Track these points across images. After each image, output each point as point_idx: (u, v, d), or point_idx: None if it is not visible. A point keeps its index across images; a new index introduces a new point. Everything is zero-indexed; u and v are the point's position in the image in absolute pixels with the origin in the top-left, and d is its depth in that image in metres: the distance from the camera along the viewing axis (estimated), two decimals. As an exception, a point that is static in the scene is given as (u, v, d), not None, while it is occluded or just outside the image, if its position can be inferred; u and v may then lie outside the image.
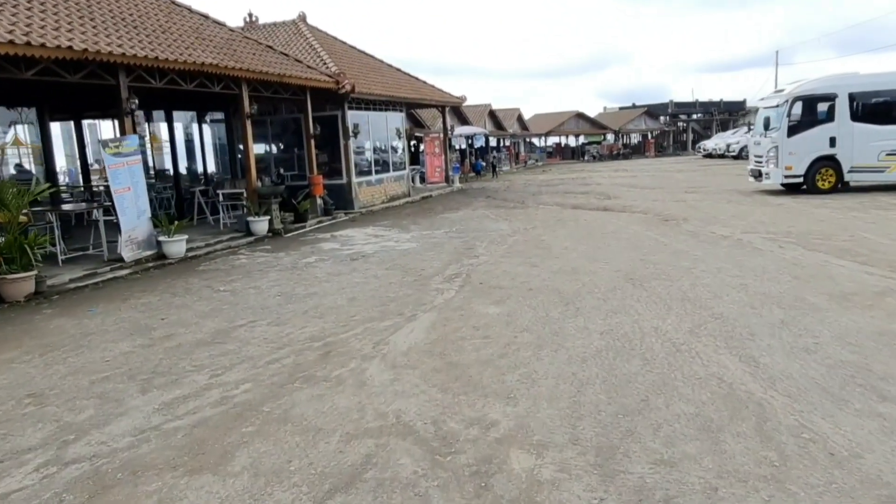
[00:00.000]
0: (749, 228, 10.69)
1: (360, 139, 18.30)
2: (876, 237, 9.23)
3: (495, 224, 13.16)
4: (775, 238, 9.64)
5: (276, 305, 7.19)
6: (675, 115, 56.77)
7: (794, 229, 10.30)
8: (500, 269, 8.40)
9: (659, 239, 10.14)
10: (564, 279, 7.58)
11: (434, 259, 9.47)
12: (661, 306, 6.18)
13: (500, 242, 10.66)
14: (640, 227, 11.63)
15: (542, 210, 15.41)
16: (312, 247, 11.43)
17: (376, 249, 10.67)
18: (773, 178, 15.22)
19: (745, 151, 32.75)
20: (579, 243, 10.15)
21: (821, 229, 10.16)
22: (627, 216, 13.31)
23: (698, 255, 8.66)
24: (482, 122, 41.00)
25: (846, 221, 10.81)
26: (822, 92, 14.67)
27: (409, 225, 13.81)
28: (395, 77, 21.63)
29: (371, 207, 17.62)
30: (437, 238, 11.61)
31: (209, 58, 11.89)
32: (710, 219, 12.11)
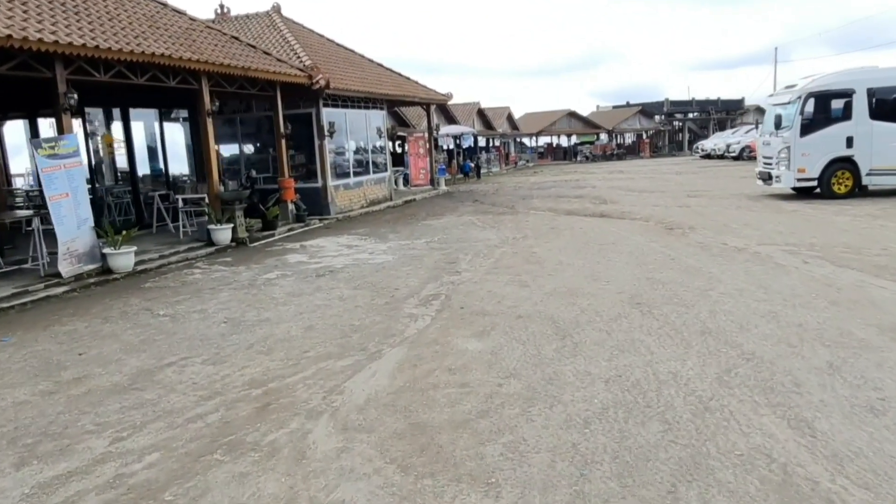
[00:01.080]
0: (765, 239, 9.77)
1: (338, 139, 17.29)
2: (911, 250, 8.34)
3: (482, 233, 12.18)
4: (797, 251, 8.73)
5: (219, 336, 6.16)
6: (670, 114, 56.07)
7: (816, 241, 9.40)
8: (485, 289, 7.42)
9: (665, 252, 9.20)
10: (559, 303, 6.61)
11: (411, 275, 8.48)
12: (677, 342, 5.21)
13: (486, 255, 9.69)
14: (642, 237, 10.70)
15: (534, 216, 14.46)
16: (277, 259, 10.40)
17: (347, 263, 9.66)
18: (785, 181, 14.35)
19: (746, 152, 32.04)
20: (575, 256, 9.19)
21: (847, 241, 9.26)
22: (627, 224, 12.38)
23: (713, 272, 7.72)
24: (471, 122, 40.10)
25: (874, 232, 9.92)
26: (838, 87, 13.82)
27: (387, 233, 12.81)
28: (376, 73, 20.64)
29: (349, 213, 16.61)
30: (416, 249, 10.61)
31: (162, 48, 10.84)
32: (719, 227, 11.19)
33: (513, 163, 45.56)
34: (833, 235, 9.77)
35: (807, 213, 12.43)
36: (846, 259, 8.04)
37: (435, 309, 6.71)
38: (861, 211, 12.14)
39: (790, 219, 11.77)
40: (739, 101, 56.30)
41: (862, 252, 8.42)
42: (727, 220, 11.97)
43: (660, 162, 41.08)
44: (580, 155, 51.14)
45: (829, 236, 9.72)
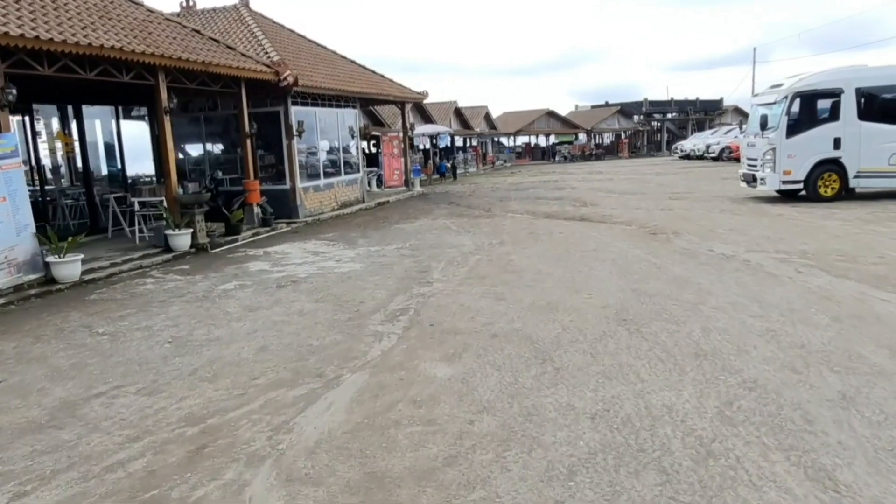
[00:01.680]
0: (754, 246, 9.37)
1: (308, 139, 16.63)
2: (908, 258, 7.98)
3: (457, 238, 11.64)
4: (789, 259, 8.33)
5: (161, 359, 5.53)
6: (649, 114, 56.14)
7: (808, 247, 9.02)
8: (458, 303, 6.88)
9: (650, 259, 8.75)
10: (538, 319, 6.08)
11: (378, 286, 7.90)
12: (669, 366, 4.72)
13: (460, 263, 9.15)
14: (625, 242, 10.24)
15: (511, 220, 13.96)
16: (238, 267, 9.74)
17: (312, 272, 9.05)
18: (770, 183, 14.04)
19: (726, 153, 31.97)
20: (555, 265, 8.69)
21: (840, 248, 8.89)
22: (609, 228, 11.94)
23: (702, 283, 7.26)
24: (447, 121, 39.59)
25: (867, 238, 9.58)
26: (825, 87, 13.53)
27: (357, 238, 12.20)
28: (348, 70, 20.00)
29: (318, 216, 15.96)
30: (386, 256, 10.03)
31: (112, 41, 10.12)
32: (704, 232, 10.79)
33: (490, 163, 45.15)
34: (825, 242, 9.41)
35: (794, 216, 12.09)
36: (842, 268, 7.64)
37: (402, 326, 6.15)
38: (850, 215, 11.84)
39: (777, 223, 11.42)
40: (718, 102, 56.59)
41: (858, 260, 8.04)
42: (712, 225, 11.58)
43: (639, 162, 40.95)
44: (559, 155, 50.91)
45: (821, 243, 9.35)
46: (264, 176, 15.79)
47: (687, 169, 29.01)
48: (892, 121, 13.27)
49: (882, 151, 13.29)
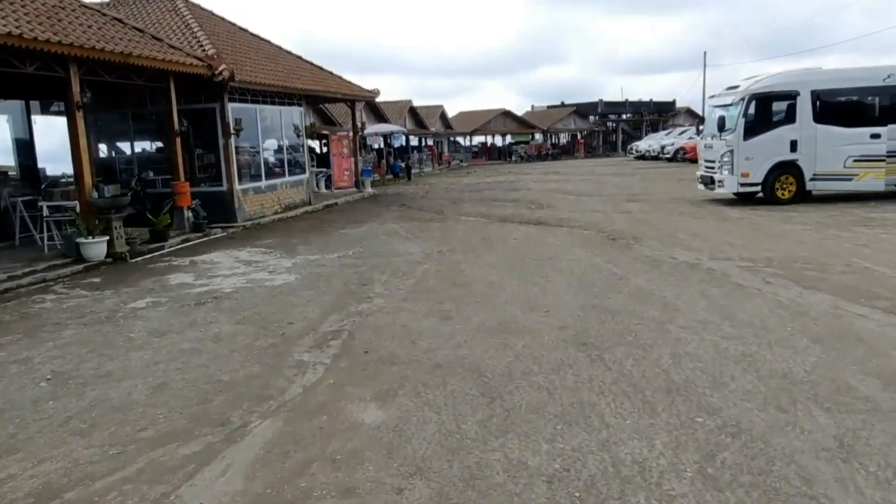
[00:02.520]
0: (717, 253, 8.88)
1: (249, 137, 15.59)
2: (881, 267, 7.56)
3: (405, 244, 10.86)
4: (755, 268, 7.83)
5: (31, 403, 4.58)
6: (604, 114, 56.42)
7: (772, 255, 8.56)
8: (399, 323, 6.10)
9: (611, 269, 8.14)
10: (488, 344, 5.36)
11: (312, 302, 7.06)
12: (638, 405, 4.04)
13: (406, 274, 8.37)
14: (583, 249, 9.64)
15: (464, 224, 13.26)
16: (157, 280, 8.73)
17: (239, 285, 8.13)
18: (728, 186, 13.70)
19: (680, 154, 32.06)
20: (509, 276, 8.00)
21: (805, 255, 8.45)
22: (566, 233, 11.34)
23: (667, 296, 6.66)
24: (402, 120, 38.77)
25: (829, 244, 9.19)
26: (781, 89, 13.26)
27: (297, 245, 11.29)
28: (293, 66, 18.98)
29: (259, 220, 14.94)
30: (326, 266, 9.18)
31: (10, 27, 8.98)
32: (665, 238, 10.28)
33: (446, 163, 44.50)
34: (788, 248, 8.98)
35: (754, 220, 11.73)
36: (810, 278, 7.16)
37: (332, 353, 5.33)
38: (809, 219, 11.53)
39: (738, 228, 11.01)
40: (671, 104, 57.31)
41: (825, 269, 7.59)
42: (672, 230, 11.10)
43: (595, 162, 40.89)
44: (515, 155, 50.64)
45: (785, 249, 8.91)
46: (204, 176, 14.72)
47: (643, 170, 28.89)
48: (846, 123, 13.10)
49: (837, 154, 13.09)
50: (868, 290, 6.58)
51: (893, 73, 13.03)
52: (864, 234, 9.72)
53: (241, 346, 5.61)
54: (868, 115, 13.24)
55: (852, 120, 13.14)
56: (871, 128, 12.88)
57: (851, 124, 13.05)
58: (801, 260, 8.14)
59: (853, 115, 13.24)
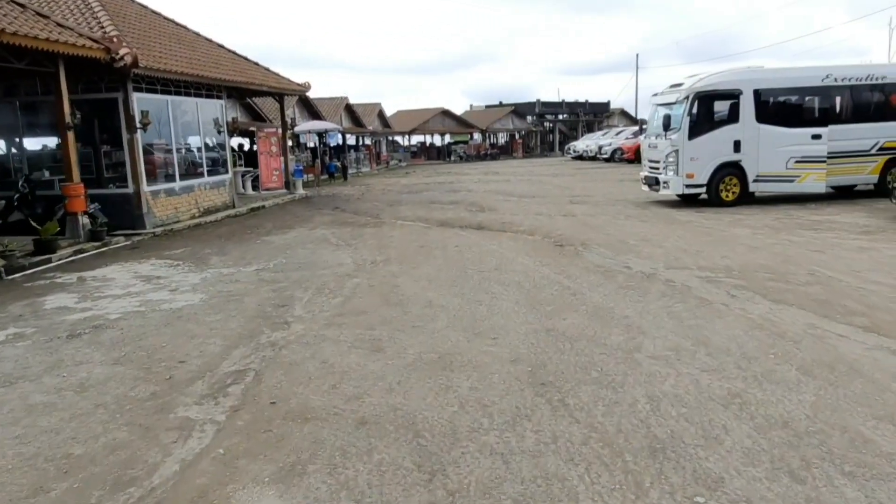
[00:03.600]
0: (673, 261, 8.17)
1: (160, 132, 14.06)
2: (843, 276, 6.98)
3: (335, 254, 9.72)
4: (715, 278, 7.14)
5: None
6: (542, 114, 56.39)
7: (730, 262, 7.91)
8: (320, 358, 5.02)
9: (562, 281, 7.29)
10: (427, 387, 4.35)
11: (216, 332, 5.88)
12: (619, 478, 3.12)
13: (333, 291, 7.27)
14: (530, 258, 8.78)
15: (401, 229, 12.22)
16: (30, 304, 7.29)
17: (131, 309, 6.83)
18: (673, 187, 13.18)
19: (618, 154, 31.98)
20: (450, 292, 7.02)
21: (764, 262, 7.84)
22: (510, 239, 10.47)
23: (629, 315, 5.84)
24: (338, 118, 37.30)
25: (785, 249, 8.64)
26: (725, 88, 12.82)
27: (210, 256, 9.97)
28: (213, 55, 17.42)
29: (173, 225, 13.44)
30: (240, 282, 7.96)
31: None
32: (615, 244, 9.55)
33: (384, 162, 43.27)
34: (744, 255, 8.37)
35: (702, 224, 11.18)
36: (776, 290, 6.50)
37: (229, 405, 4.21)
38: (758, 222, 11.06)
39: (688, 232, 10.40)
40: (606, 105, 57.90)
41: (788, 279, 6.96)
42: (622, 234, 10.40)
43: (533, 162, 40.57)
44: (454, 154, 49.90)
45: (741, 256, 8.29)
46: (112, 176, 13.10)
47: (582, 170, 28.56)
48: (788, 124, 12.80)
49: (780, 155, 12.77)
50: (840, 303, 5.95)
51: (832, 73, 12.81)
52: (816, 239, 9.26)
53: (111, 399, 4.40)
54: (809, 115, 13.00)
55: (794, 120, 12.85)
56: (812, 128, 12.61)
57: (793, 125, 12.76)
58: (761, 268, 7.51)
59: (795, 116, 12.97)
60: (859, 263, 7.55)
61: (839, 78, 12.70)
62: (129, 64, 11.85)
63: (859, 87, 12.85)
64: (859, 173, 13.04)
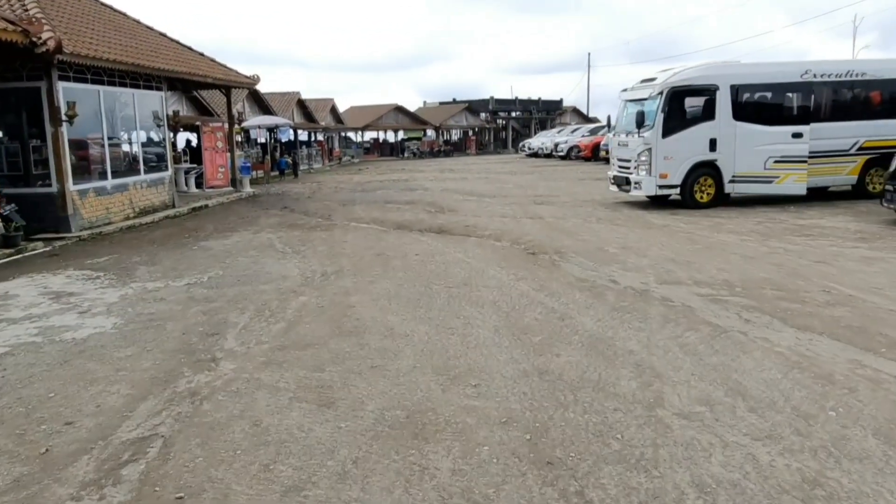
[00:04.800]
0: (664, 274, 7.15)
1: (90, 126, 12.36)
2: (865, 295, 6.08)
3: (280, 263, 8.38)
4: (718, 296, 6.14)
5: None
6: (495, 111, 55.44)
7: (728, 276, 6.94)
8: (250, 419, 3.75)
9: (544, 300, 6.17)
10: (394, 471, 3.14)
11: (123, 374, 4.52)
12: None
13: (275, 313, 5.96)
14: (502, 269, 7.64)
15: (355, 233, 10.91)
16: None
17: (24, 340, 5.37)
18: (646, 188, 12.26)
19: (574, 152, 31.26)
20: (414, 314, 5.81)
21: (766, 276, 6.90)
22: (476, 246, 9.32)
23: (634, 349, 4.75)
24: (290, 113, 35.47)
25: (784, 260, 7.74)
26: (700, 83, 11.95)
27: (138, 266, 8.48)
28: (153, 43, 15.65)
29: (103, 228, 11.79)
30: (166, 301, 6.55)
31: None
32: (593, 252, 8.51)
33: (337, 158, 41.58)
34: (741, 266, 7.42)
35: (682, 229, 10.26)
36: (794, 312, 5.53)
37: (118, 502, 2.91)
38: (740, 227, 10.21)
39: (670, 238, 9.45)
40: (558, 102, 57.46)
41: (803, 298, 6.01)
42: (597, 241, 9.37)
43: (488, 159, 39.59)
44: (408, 151, 48.55)
45: (738, 268, 7.35)
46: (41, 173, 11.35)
47: (539, 168, 27.65)
48: (767, 121, 12.03)
49: (757, 154, 11.99)
50: (878, 332, 5.00)
51: (811, 69, 12.09)
52: (813, 248, 8.39)
53: (-54, 495, 3.03)
54: (788, 113, 12.24)
55: (773, 118, 12.08)
56: (792, 126, 11.86)
57: (772, 122, 11.99)
58: (766, 284, 6.56)
59: (773, 113, 12.20)
60: (875, 278, 6.66)
61: (818, 74, 11.98)
62: (52, 49, 10.16)
63: (839, 83, 12.17)
64: (838, 174, 12.37)
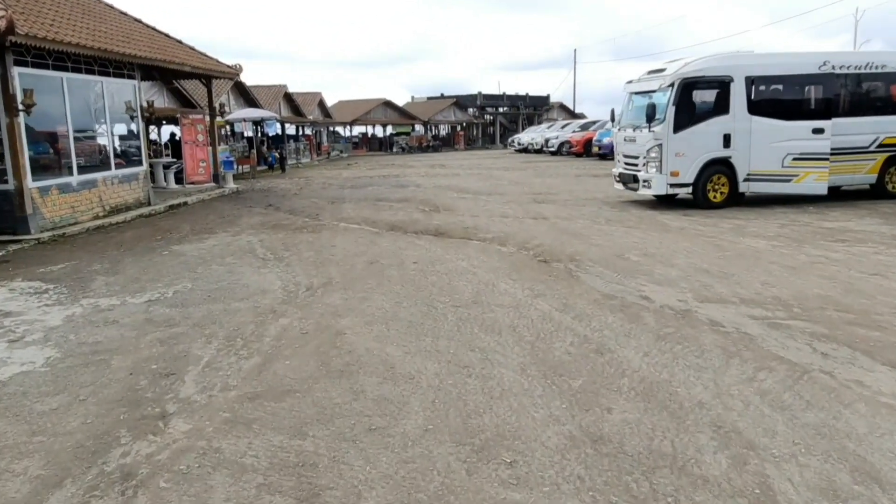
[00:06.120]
0: (701, 289, 6.05)
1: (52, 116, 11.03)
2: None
3: (259, 273, 7.17)
4: (775, 320, 5.05)
5: None
6: (483, 107, 54.27)
7: (777, 291, 5.86)
8: (202, 526, 2.58)
9: (572, 325, 5.04)
10: None
11: (38, 441, 3.32)
12: None
13: (248, 343, 4.78)
14: (513, 282, 6.51)
15: (345, 235, 9.72)
16: None
17: (-77, 385, 4.14)
18: (656, 186, 11.16)
19: (565, 147, 30.19)
20: (420, 346, 4.66)
21: (821, 292, 5.82)
22: (480, 251, 8.17)
23: (704, 398, 3.63)
24: (276, 106, 33.98)
25: (832, 271, 6.66)
26: (714, 74, 10.84)
27: (96, 275, 7.23)
28: (125, 28, 14.26)
29: (68, 228, 10.48)
30: (119, 324, 5.34)
31: None
32: (612, 260, 7.39)
33: (325, 153, 40.15)
34: (787, 279, 6.34)
35: (702, 232, 9.19)
36: (876, 343, 4.47)
37: None
38: (764, 230, 9.16)
39: (692, 243, 8.36)
40: (546, 98, 56.40)
41: (877, 322, 4.94)
42: (613, 246, 8.27)
43: (477, 155, 38.42)
44: (396, 146, 47.25)
45: (784, 281, 6.27)
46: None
47: (532, 164, 26.52)
48: (785, 116, 10.97)
49: (775, 151, 10.94)
50: None
51: (829, 60, 11.05)
52: (856, 256, 7.33)
53: None
54: (807, 106, 11.19)
55: (789, 112, 11.02)
56: (812, 121, 10.81)
57: (790, 117, 10.93)
58: (825, 303, 5.49)
59: (790, 107, 11.13)
60: (952, 297, 5.63)
61: (837, 66, 10.95)
62: (3, 29, 8.83)
63: (858, 76, 11.15)
64: (856, 172, 11.37)
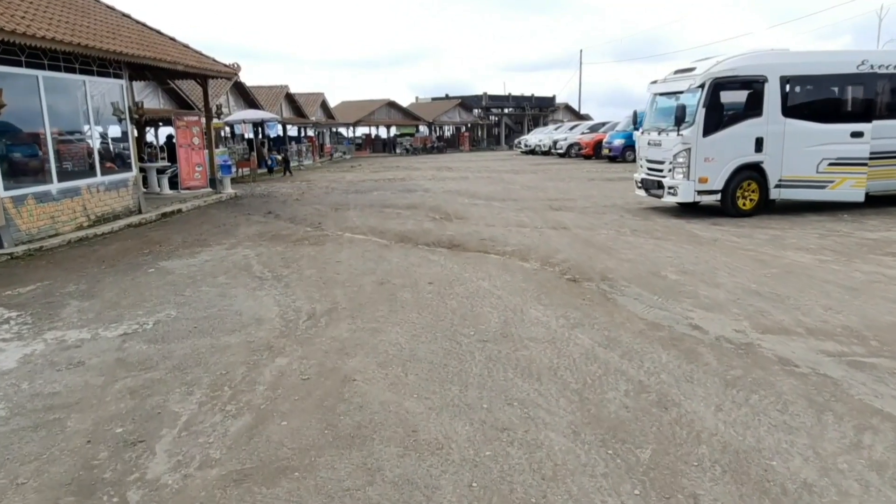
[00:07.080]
0: (756, 315, 5.26)
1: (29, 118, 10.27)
2: None
3: (254, 297, 6.39)
4: (853, 357, 4.27)
5: None
6: (488, 108, 53.48)
7: (845, 318, 5.07)
8: None
9: (620, 366, 4.26)
10: None
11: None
12: None
13: (236, 396, 4.00)
14: (543, 307, 5.72)
15: (351, 248, 8.94)
16: None
17: None
18: (683, 193, 10.36)
19: (574, 150, 29.38)
20: (444, 401, 3.89)
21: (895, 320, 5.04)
22: (500, 268, 7.39)
23: (809, 479, 2.84)
24: (278, 107, 33.25)
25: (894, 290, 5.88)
26: (747, 74, 10.04)
27: (69, 299, 6.45)
28: (111, 24, 13.49)
29: (46, 241, 9.71)
30: (84, 367, 4.56)
31: None
32: (648, 279, 6.60)
33: (328, 154, 39.41)
34: (850, 303, 5.55)
35: (737, 244, 8.39)
36: None
37: None
38: (804, 241, 8.36)
39: (731, 258, 7.56)
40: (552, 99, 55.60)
41: None
42: (645, 261, 7.48)
43: (483, 156, 37.62)
44: (400, 147, 46.46)
45: (848, 306, 5.47)
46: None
47: (541, 166, 25.72)
48: (821, 118, 10.17)
49: (809, 155, 10.15)
50: None
51: (868, 59, 10.26)
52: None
53: None
54: (844, 108, 10.39)
55: (826, 114, 10.22)
56: (851, 124, 10.02)
57: (826, 119, 10.14)
58: (911, 336, 4.70)
59: (826, 109, 10.32)
60: None
61: (876, 65, 10.16)
62: (-33, 22, 8.07)
63: (899, 76, 10.37)
64: (891, 178, 10.58)
